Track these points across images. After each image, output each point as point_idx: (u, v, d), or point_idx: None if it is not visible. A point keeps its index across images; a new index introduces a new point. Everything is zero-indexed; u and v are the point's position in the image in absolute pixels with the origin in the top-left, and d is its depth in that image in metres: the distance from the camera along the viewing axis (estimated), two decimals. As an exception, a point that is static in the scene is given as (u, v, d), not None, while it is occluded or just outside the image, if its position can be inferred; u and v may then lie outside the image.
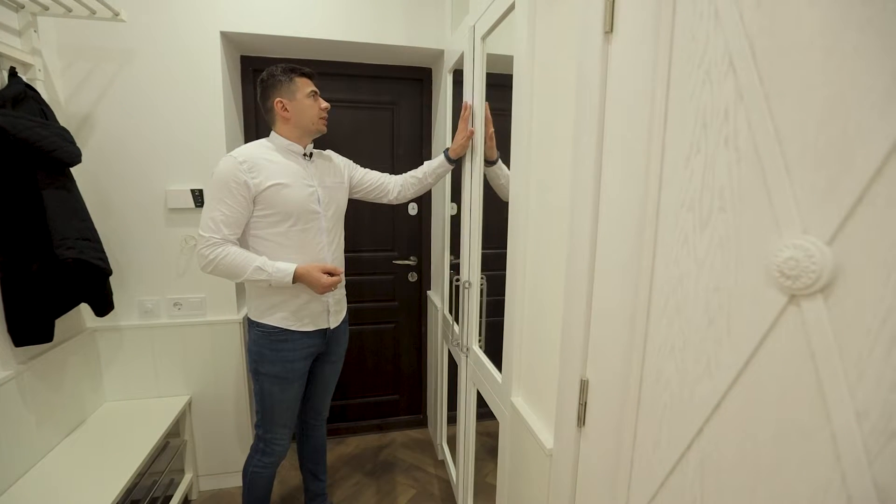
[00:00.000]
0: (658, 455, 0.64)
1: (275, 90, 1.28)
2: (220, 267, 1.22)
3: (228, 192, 1.21)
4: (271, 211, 1.25)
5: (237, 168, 1.21)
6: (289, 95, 1.28)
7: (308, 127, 1.32)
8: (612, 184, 0.72)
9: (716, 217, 0.53)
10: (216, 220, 1.21)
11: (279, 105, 1.28)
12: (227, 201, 1.21)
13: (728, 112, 0.50)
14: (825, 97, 0.40)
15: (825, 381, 0.41)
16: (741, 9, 0.48)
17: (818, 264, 0.41)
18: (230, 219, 1.22)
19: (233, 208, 1.22)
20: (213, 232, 1.21)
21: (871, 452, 0.37)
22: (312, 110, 1.30)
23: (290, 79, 1.27)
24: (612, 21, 0.70)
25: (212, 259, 1.21)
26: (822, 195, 0.41)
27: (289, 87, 1.27)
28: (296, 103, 1.28)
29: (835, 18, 0.39)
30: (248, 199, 1.23)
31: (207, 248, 1.21)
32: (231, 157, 1.23)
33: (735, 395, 0.51)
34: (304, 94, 1.29)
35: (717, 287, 0.53)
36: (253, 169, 1.22)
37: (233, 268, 1.22)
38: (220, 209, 1.21)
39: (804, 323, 0.43)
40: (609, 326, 0.74)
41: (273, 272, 1.23)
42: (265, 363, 1.33)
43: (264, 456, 1.41)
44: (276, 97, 1.28)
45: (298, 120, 1.30)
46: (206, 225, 1.22)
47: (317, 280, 1.26)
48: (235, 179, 1.21)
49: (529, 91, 1.01)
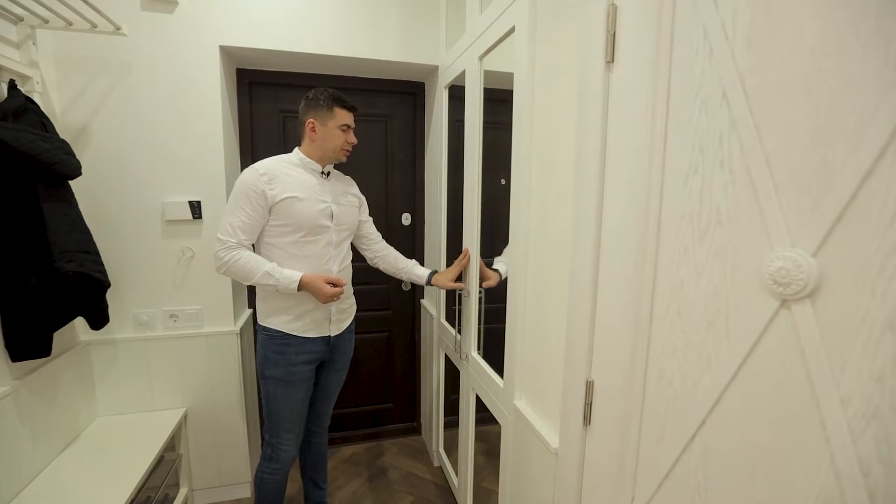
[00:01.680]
0: (662, 447, 0.70)
1: (313, 111, 1.35)
2: (233, 269, 1.29)
3: (247, 200, 1.28)
4: (284, 221, 1.32)
5: (257, 178, 1.29)
6: (322, 120, 1.35)
7: (329, 154, 1.39)
8: (615, 198, 0.78)
9: (713, 230, 0.59)
10: (234, 225, 1.29)
11: (310, 125, 1.35)
12: (245, 209, 1.29)
13: (723, 138, 0.57)
14: (808, 129, 0.47)
15: (814, 374, 0.47)
16: (733, 49, 0.55)
17: (805, 273, 0.47)
18: (246, 225, 1.30)
19: (250, 216, 1.29)
20: (229, 236, 1.29)
21: (855, 433, 0.44)
22: (338, 141, 1.37)
23: (330, 108, 1.35)
24: (614, 52, 0.76)
25: (226, 261, 1.29)
26: (807, 214, 0.48)
27: (326, 113, 1.35)
28: (325, 130, 1.36)
29: (813, 65, 0.46)
30: (264, 208, 1.30)
31: (223, 250, 1.29)
32: (253, 168, 1.31)
33: (734, 389, 0.57)
34: (337, 124, 1.36)
35: (715, 292, 0.59)
36: (272, 181, 1.30)
37: (244, 271, 1.29)
38: (238, 215, 1.29)
39: (795, 324, 0.49)
40: (613, 330, 0.80)
41: (280, 278, 1.30)
42: (270, 366, 1.38)
43: (271, 462, 1.43)
44: (310, 117, 1.35)
45: (322, 144, 1.37)
46: (224, 229, 1.30)
47: (320, 290, 1.31)
48: (255, 189, 1.28)
49: (530, 107, 1.07)
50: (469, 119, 1.48)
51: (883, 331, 0.42)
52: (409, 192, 2.27)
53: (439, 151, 1.90)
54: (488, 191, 1.51)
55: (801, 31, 0.47)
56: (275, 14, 1.69)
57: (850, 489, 0.44)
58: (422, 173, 2.25)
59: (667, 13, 0.65)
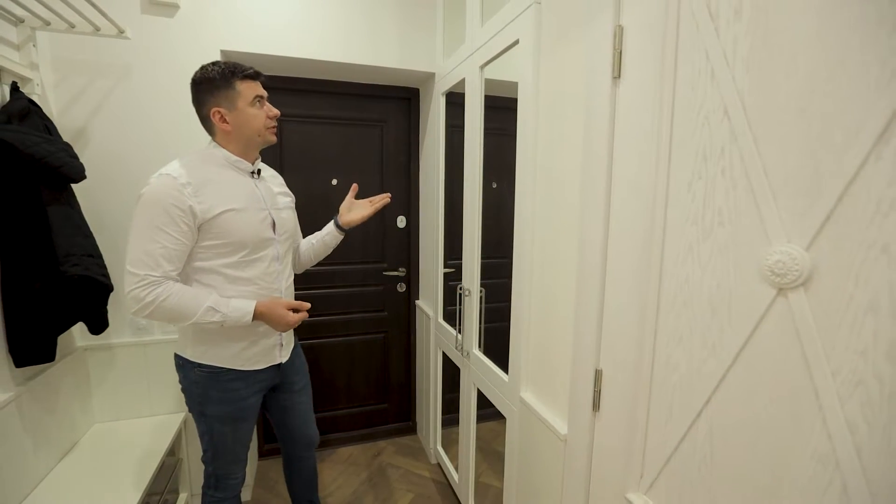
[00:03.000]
0: (670, 426, 0.77)
1: (211, 97, 1.08)
2: (161, 310, 1.01)
3: (170, 219, 1.01)
4: (222, 241, 1.08)
5: (179, 191, 1.01)
6: (228, 104, 1.08)
7: (253, 139, 1.14)
8: (621, 201, 0.86)
9: (716, 230, 0.67)
10: (153, 253, 1.00)
11: (217, 116, 1.09)
12: (167, 231, 1.01)
13: (724, 149, 0.65)
14: (801, 143, 0.56)
15: (807, 350, 0.55)
16: (733, 72, 0.63)
17: (800, 265, 0.55)
18: (171, 252, 1.02)
19: (176, 240, 1.02)
20: (149, 269, 1.00)
21: (843, 398, 0.52)
22: (258, 120, 1.11)
23: (230, 84, 1.07)
24: (620, 68, 0.84)
25: (150, 301, 1.00)
26: (801, 214, 0.56)
27: (227, 94, 1.08)
28: (237, 113, 1.09)
29: (806, 88, 0.55)
30: (192, 228, 1.04)
31: (143, 288, 1.00)
32: (169, 176, 1.02)
33: (737, 369, 0.65)
34: (248, 101, 1.09)
35: (718, 284, 0.67)
36: (199, 191, 1.04)
37: (178, 310, 1.03)
38: (158, 240, 1.00)
39: (790, 309, 0.57)
40: (621, 323, 0.88)
41: (229, 312, 1.06)
42: (211, 404, 1.16)
43: (217, 491, 1.27)
44: (212, 106, 1.08)
45: (241, 132, 1.11)
46: (138, 260, 1.00)
47: (281, 318, 1.12)
48: (178, 205, 1.01)
49: (535, 113, 1.14)
50: (470, 126, 1.54)
51: (865, 312, 0.50)
52: (403, 196, 2.32)
53: (435, 156, 1.96)
54: (485, 193, 1.57)
55: (796, 59, 0.55)
56: (275, 20, 1.71)
57: (840, 447, 0.52)
58: (416, 177, 2.30)
59: (671, 37, 0.73)
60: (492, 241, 1.63)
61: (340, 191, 2.20)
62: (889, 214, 0.48)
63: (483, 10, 1.46)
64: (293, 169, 2.10)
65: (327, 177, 2.17)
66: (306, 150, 2.13)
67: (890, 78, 0.47)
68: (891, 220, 0.47)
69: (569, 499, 1.03)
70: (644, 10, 0.79)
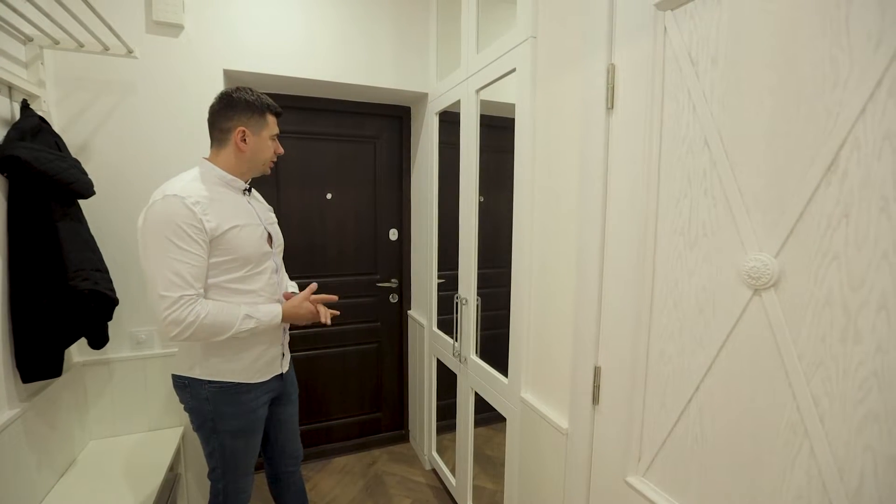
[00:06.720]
0: (664, 412, 0.88)
1: (243, 116, 1.16)
2: (203, 328, 1.05)
3: (189, 238, 1.04)
4: (230, 256, 1.12)
5: (190, 210, 1.04)
6: (254, 129, 1.18)
7: (257, 166, 1.23)
8: (616, 217, 0.98)
9: (701, 240, 0.79)
10: (182, 273, 1.03)
11: (240, 134, 1.16)
12: (190, 250, 1.04)
13: (706, 173, 0.78)
14: (768, 170, 0.68)
15: (779, 340, 0.67)
16: (711, 109, 0.76)
17: (771, 269, 0.68)
18: (198, 270, 1.06)
19: (199, 257, 1.06)
20: (183, 289, 1.02)
21: (808, 377, 0.64)
22: (268, 153, 1.23)
23: (263, 114, 1.19)
24: (613, 100, 0.97)
25: (191, 321, 1.02)
26: (770, 228, 0.68)
27: (258, 120, 1.18)
28: (257, 140, 1.19)
29: (770, 126, 0.68)
30: (207, 245, 1.08)
31: (181, 309, 1.02)
32: (176, 197, 1.05)
33: (721, 359, 0.77)
34: (270, 134, 1.22)
35: (704, 287, 0.79)
36: (207, 210, 1.08)
37: (218, 324, 1.07)
38: (184, 260, 1.03)
39: (764, 306, 0.69)
40: (617, 324, 0.99)
41: (261, 316, 1.15)
42: (225, 420, 1.19)
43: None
44: (240, 125, 1.16)
45: (252, 157, 1.20)
46: (169, 283, 1.01)
47: (307, 309, 1.24)
48: (194, 223, 1.04)
49: (531, 137, 1.26)
50: (465, 144, 1.65)
51: (823, 306, 0.62)
52: (395, 209, 2.40)
53: (429, 171, 2.05)
54: (479, 207, 1.67)
55: (762, 101, 0.68)
56: (277, 39, 1.78)
57: (807, 417, 0.64)
58: (408, 191, 2.38)
59: (658, 76, 0.86)
60: (486, 252, 1.73)
61: (335, 205, 2.26)
62: (837, 228, 0.60)
63: (479, 37, 1.58)
64: (289, 183, 2.15)
65: (322, 191, 2.22)
66: (302, 165, 2.18)
67: (835, 123, 0.60)
68: (839, 234, 0.60)
69: (571, 488, 1.13)
70: (633, 53, 0.91)
